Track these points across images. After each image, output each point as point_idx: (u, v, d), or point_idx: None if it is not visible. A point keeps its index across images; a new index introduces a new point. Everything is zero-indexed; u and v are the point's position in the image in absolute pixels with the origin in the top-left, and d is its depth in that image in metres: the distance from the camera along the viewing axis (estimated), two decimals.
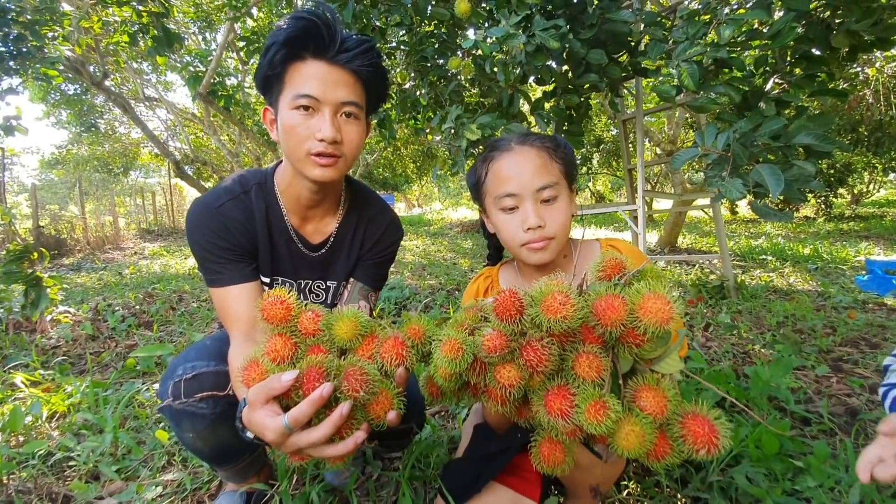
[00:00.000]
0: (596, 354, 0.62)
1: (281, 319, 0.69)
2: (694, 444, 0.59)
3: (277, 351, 0.67)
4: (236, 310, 0.92)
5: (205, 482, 1.25)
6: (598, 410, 0.59)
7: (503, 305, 0.62)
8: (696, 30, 1.64)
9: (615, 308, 0.58)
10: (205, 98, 6.06)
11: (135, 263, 7.25)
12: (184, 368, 0.93)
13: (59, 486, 1.26)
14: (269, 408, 0.61)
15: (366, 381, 0.62)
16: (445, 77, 2.66)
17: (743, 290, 3.26)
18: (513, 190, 0.90)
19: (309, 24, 0.84)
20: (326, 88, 0.86)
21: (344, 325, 0.68)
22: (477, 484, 0.86)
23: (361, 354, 0.69)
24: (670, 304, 0.57)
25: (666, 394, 0.61)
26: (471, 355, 0.64)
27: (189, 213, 0.97)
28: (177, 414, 0.91)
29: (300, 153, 0.88)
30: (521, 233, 0.90)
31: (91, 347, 2.62)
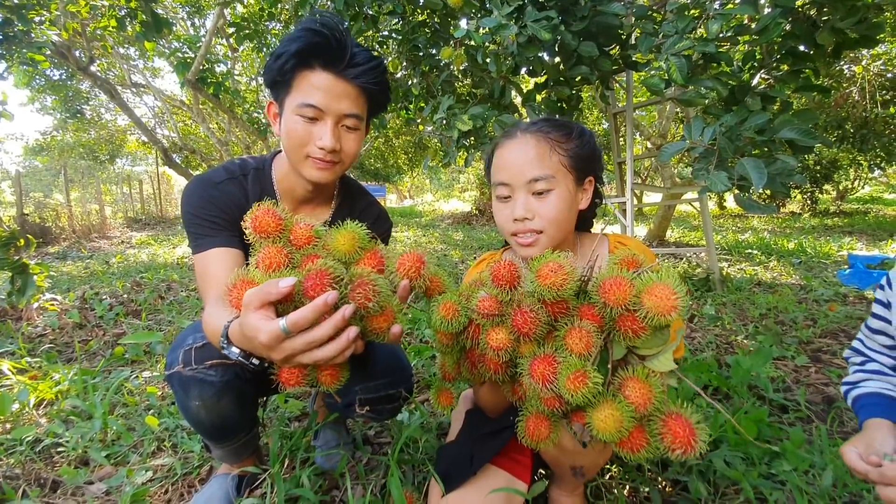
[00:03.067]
0: (588, 331, 0.63)
1: (273, 230, 0.67)
2: (672, 443, 0.61)
3: (272, 258, 0.64)
4: (216, 274, 0.92)
5: (195, 467, 1.26)
6: (578, 379, 0.61)
7: (499, 273, 0.64)
8: (686, 24, 1.65)
9: (622, 286, 0.59)
10: (194, 85, 5.97)
11: (122, 252, 7.16)
12: (194, 338, 0.94)
13: (47, 472, 1.26)
14: (263, 311, 0.58)
15: (377, 292, 0.61)
16: (437, 67, 2.66)
17: (728, 283, 3.32)
18: (506, 179, 0.90)
19: (322, 40, 0.87)
20: (331, 100, 0.90)
21: (343, 238, 0.67)
22: (472, 467, 0.88)
23: (364, 264, 0.68)
24: (676, 296, 0.58)
25: (652, 389, 0.63)
26: (465, 317, 0.67)
27: (189, 185, 1.01)
28: (185, 381, 0.93)
29: (300, 155, 0.93)
30: (510, 223, 0.90)
31: (78, 336, 2.60)
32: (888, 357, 0.78)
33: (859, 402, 0.77)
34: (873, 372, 0.79)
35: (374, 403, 1.04)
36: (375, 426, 1.46)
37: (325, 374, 0.65)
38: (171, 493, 1.17)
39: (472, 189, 15.55)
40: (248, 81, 10.16)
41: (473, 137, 2.33)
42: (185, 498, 1.15)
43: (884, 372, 0.78)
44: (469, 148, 2.41)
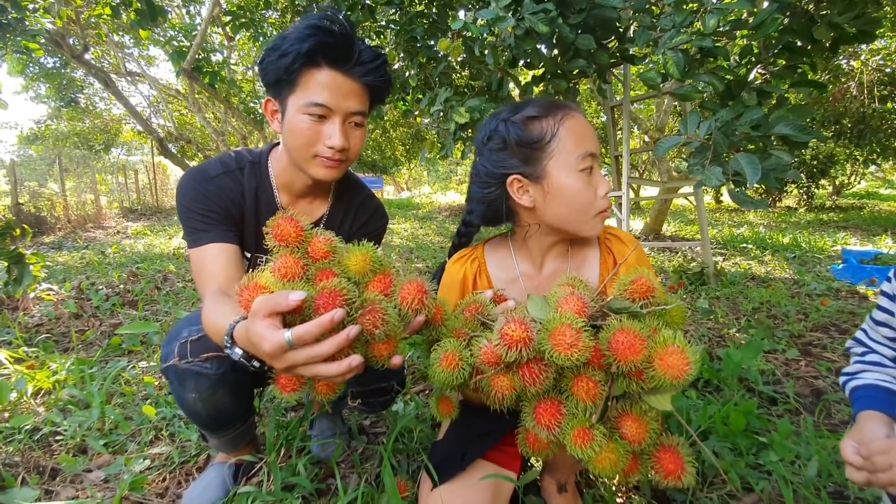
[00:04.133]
0: (596, 382, 0.63)
1: (292, 239, 0.67)
2: (664, 476, 0.65)
3: (288, 267, 0.65)
4: (212, 268, 0.92)
5: (192, 455, 1.27)
6: (584, 438, 0.63)
7: (511, 339, 0.60)
8: (683, 18, 1.65)
9: (634, 350, 0.58)
10: (189, 74, 5.91)
11: (118, 242, 7.13)
12: (189, 331, 0.95)
13: (46, 460, 1.27)
14: (270, 320, 0.59)
15: (386, 321, 0.61)
16: (435, 58, 2.64)
17: (722, 277, 3.35)
18: (592, 149, 0.83)
19: (329, 39, 0.85)
20: (339, 99, 0.89)
21: (356, 258, 0.67)
22: (462, 462, 0.89)
23: (372, 290, 0.67)
24: (690, 365, 0.57)
25: (647, 426, 0.65)
26: (468, 368, 0.66)
27: (184, 178, 1.00)
28: (181, 374, 0.94)
29: (307, 154, 0.92)
30: (598, 199, 0.83)
31: (75, 326, 2.60)
32: (889, 349, 0.79)
33: (856, 393, 0.78)
34: (872, 363, 0.80)
35: (365, 396, 1.06)
36: (371, 416, 1.48)
37: (322, 385, 0.66)
38: (168, 480, 1.19)
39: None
40: (245, 71, 10.08)
41: (470, 130, 2.33)
42: (183, 486, 1.17)
43: (883, 364, 0.79)
44: (466, 140, 2.41)
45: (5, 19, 2.41)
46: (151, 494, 1.13)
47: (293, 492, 1.04)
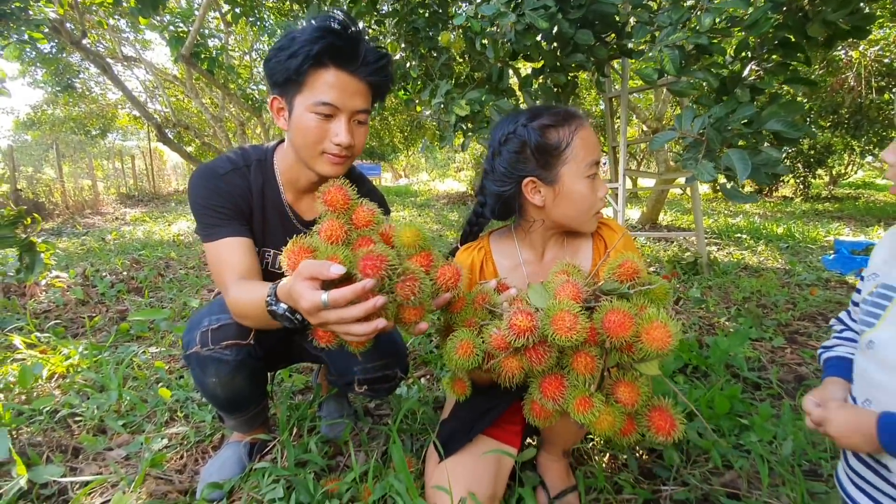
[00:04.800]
0: (593, 357, 0.72)
1: (340, 206, 0.75)
2: (656, 432, 0.74)
3: (333, 230, 0.73)
4: (230, 260, 0.98)
5: (207, 435, 1.35)
6: (585, 405, 0.72)
7: (519, 329, 0.69)
8: (680, 15, 1.69)
9: (624, 327, 0.66)
10: (188, 60, 5.87)
11: (117, 229, 7.15)
12: (209, 320, 1.01)
13: (67, 440, 1.34)
14: (311, 282, 0.66)
15: (421, 290, 0.69)
16: (436, 48, 2.67)
17: (715, 267, 3.42)
18: (598, 158, 0.94)
19: (338, 41, 0.90)
20: (345, 98, 0.93)
21: (408, 233, 0.75)
22: (469, 435, 0.97)
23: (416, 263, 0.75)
24: (671, 337, 0.66)
25: (640, 390, 0.73)
26: (481, 354, 0.75)
27: (195, 176, 1.05)
28: (203, 360, 1.00)
29: (314, 151, 0.96)
30: (598, 201, 0.95)
31: (82, 312, 2.66)
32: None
33: (827, 363, 0.86)
34: (846, 339, 0.87)
35: (371, 383, 1.12)
36: (375, 400, 1.55)
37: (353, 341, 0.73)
38: (186, 458, 1.26)
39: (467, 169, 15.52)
40: (242, 55, 9.99)
41: (470, 122, 2.37)
42: (200, 463, 1.24)
43: (855, 340, 0.85)
44: (467, 132, 2.45)
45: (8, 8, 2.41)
46: (171, 471, 1.20)
47: (305, 467, 1.12)
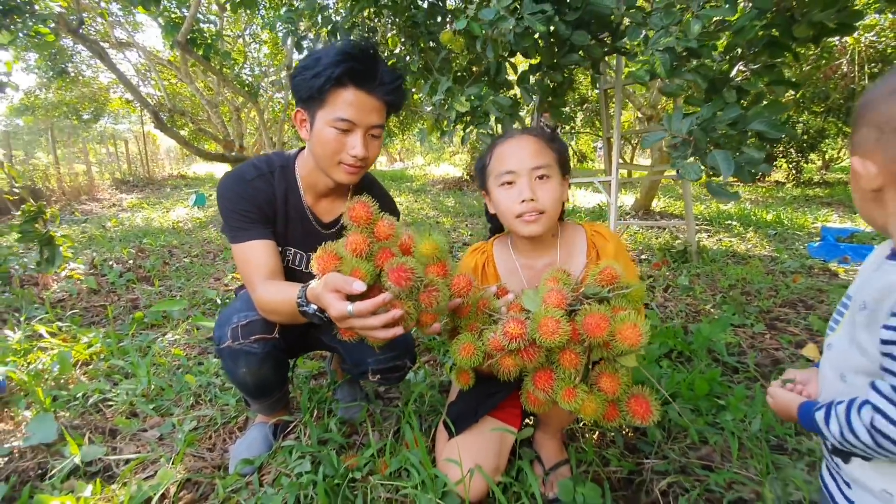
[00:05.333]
0: (577, 353, 0.83)
1: (363, 219, 0.84)
2: (634, 417, 0.86)
3: (357, 244, 0.82)
4: (257, 260, 1.10)
5: (232, 417, 1.47)
6: (570, 395, 0.84)
7: (511, 335, 0.81)
8: (672, 20, 1.77)
9: (600, 329, 0.78)
10: (184, 47, 5.85)
11: (115, 216, 7.17)
12: (238, 317, 1.12)
13: (103, 422, 1.46)
14: (336, 294, 0.79)
15: (439, 300, 0.82)
16: (435, 40, 2.73)
17: (704, 255, 3.55)
18: (511, 167, 1.03)
19: (358, 66, 1.00)
20: (362, 114, 1.03)
21: (427, 245, 0.85)
22: (476, 416, 1.10)
23: (432, 272, 0.86)
24: (641, 336, 0.77)
25: (620, 380, 0.85)
26: (481, 354, 0.87)
27: (224, 181, 1.15)
28: (234, 353, 1.11)
29: (332, 161, 1.07)
30: (516, 205, 1.02)
31: (95, 301, 2.76)
32: None
33: None
34: None
35: (383, 372, 1.23)
36: None
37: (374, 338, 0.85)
38: (214, 438, 1.38)
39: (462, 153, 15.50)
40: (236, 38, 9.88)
41: (470, 116, 2.45)
42: (228, 442, 1.36)
43: None
44: (466, 126, 2.53)
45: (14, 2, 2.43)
46: (203, 449, 1.32)
47: (327, 445, 1.24)
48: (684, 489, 1.12)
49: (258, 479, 1.17)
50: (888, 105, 0.54)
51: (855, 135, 0.59)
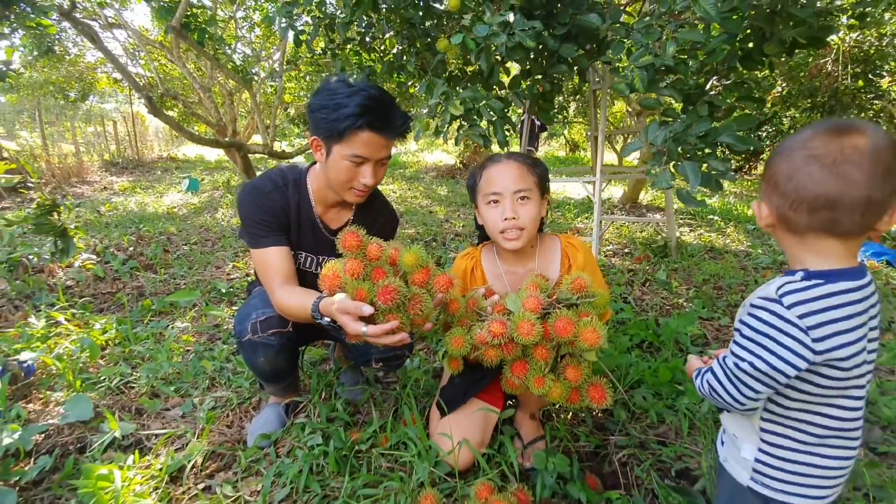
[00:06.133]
0: (547, 349, 1.01)
1: (355, 247, 0.99)
2: (591, 400, 1.04)
3: (354, 269, 0.98)
4: (275, 265, 1.26)
5: (246, 398, 1.63)
6: (540, 382, 1.02)
7: (494, 333, 0.98)
8: (651, 39, 1.92)
9: (567, 330, 0.96)
10: (178, 32, 5.84)
11: (108, 200, 7.17)
12: (257, 313, 1.27)
13: (129, 402, 1.62)
14: (350, 317, 0.95)
15: (424, 307, 0.98)
16: (432, 39, 2.84)
17: (683, 250, 3.76)
18: (497, 189, 1.18)
19: (376, 117, 1.14)
20: (374, 151, 1.18)
21: (410, 257, 1.00)
22: (464, 398, 1.28)
23: (418, 280, 1.02)
24: (600, 338, 0.95)
25: (582, 371, 1.03)
26: (469, 346, 1.04)
27: (243, 193, 1.29)
28: (254, 345, 1.27)
29: (345, 186, 1.22)
30: (500, 222, 1.17)
31: (101, 288, 2.88)
32: None
33: None
34: None
35: (385, 361, 1.39)
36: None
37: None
38: (231, 417, 1.55)
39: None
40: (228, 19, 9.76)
41: (464, 118, 2.59)
42: (244, 420, 1.53)
43: None
44: (461, 127, 2.67)
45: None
46: (222, 426, 1.49)
47: (334, 423, 1.42)
48: (640, 460, 1.31)
49: (275, 451, 1.34)
50: (778, 164, 0.70)
51: (760, 182, 0.75)
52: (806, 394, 0.72)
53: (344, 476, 1.21)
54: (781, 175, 0.69)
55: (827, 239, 0.68)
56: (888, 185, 0.63)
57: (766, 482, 0.77)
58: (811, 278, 0.69)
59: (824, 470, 0.74)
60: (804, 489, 0.75)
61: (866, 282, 0.70)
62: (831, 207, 0.65)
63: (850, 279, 0.68)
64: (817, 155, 0.65)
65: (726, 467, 0.85)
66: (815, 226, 0.68)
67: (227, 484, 1.22)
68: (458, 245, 4.02)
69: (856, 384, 0.70)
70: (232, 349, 1.97)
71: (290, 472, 1.22)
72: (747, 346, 0.71)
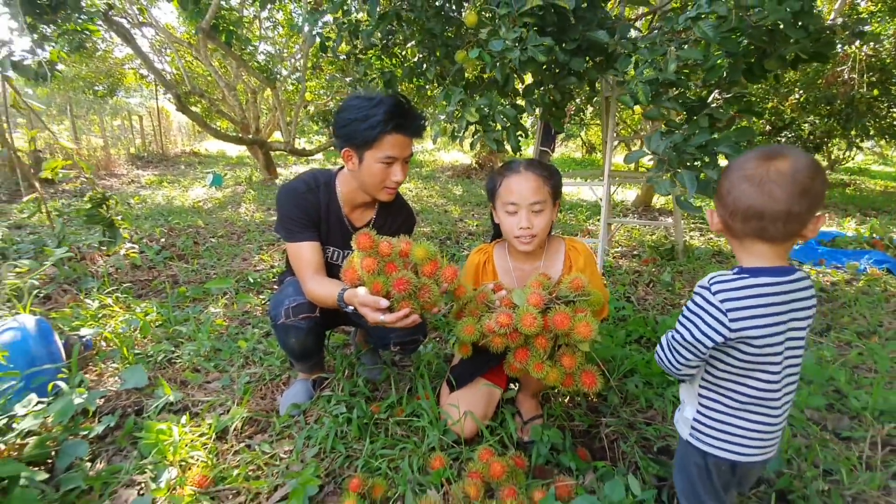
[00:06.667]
0: (547, 339, 1.16)
1: (368, 247, 1.15)
2: (584, 385, 1.19)
3: (369, 265, 1.13)
4: (307, 258, 1.44)
5: (277, 375, 1.83)
6: (539, 367, 1.17)
7: (501, 323, 1.13)
8: (655, 55, 2.06)
9: (564, 324, 1.11)
10: (207, 33, 6.11)
11: (136, 193, 7.48)
12: (289, 300, 1.45)
13: (174, 375, 1.82)
14: (370, 309, 1.12)
15: (432, 294, 1.14)
16: (451, 48, 3.01)
17: (690, 254, 3.87)
18: (515, 200, 1.32)
19: (402, 121, 1.31)
20: (401, 150, 1.36)
21: (420, 250, 1.16)
22: (472, 377, 1.45)
23: (427, 271, 1.16)
24: (592, 331, 1.09)
25: (576, 359, 1.18)
26: (479, 334, 1.20)
27: (281, 192, 1.47)
28: (287, 327, 1.45)
29: (378, 187, 1.39)
30: (516, 229, 1.33)
31: (139, 276, 3.11)
32: None
33: None
34: None
35: (402, 345, 1.56)
36: None
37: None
38: (264, 390, 1.74)
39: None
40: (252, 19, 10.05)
41: (479, 124, 2.76)
42: (276, 394, 1.72)
43: None
44: (476, 133, 2.83)
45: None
46: (257, 398, 1.68)
47: (356, 396, 1.60)
48: (626, 438, 1.47)
49: (304, 419, 1.53)
50: (722, 181, 0.86)
51: (714, 195, 0.91)
52: (729, 365, 0.89)
53: (365, 440, 1.40)
54: (724, 190, 0.85)
55: (758, 243, 0.84)
56: (805, 201, 0.79)
57: (701, 438, 0.94)
58: (741, 273, 0.85)
59: (748, 432, 0.90)
60: (731, 446, 0.92)
61: (791, 279, 0.85)
62: (759, 218, 0.81)
63: (772, 276, 0.84)
64: (749, 175, 0.81)
65: (677, 427, 1.01)
66: (749, 232, 0.84)
67: (264, 443, 1.41)
68: (472, 244, 4.19)
69: (770, 361, 0.86)
70: (262, 333, 2.17)
71: (319, 436, 1.41)
72: (682, 322, 0.90)
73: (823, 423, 1.56)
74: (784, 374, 0.89)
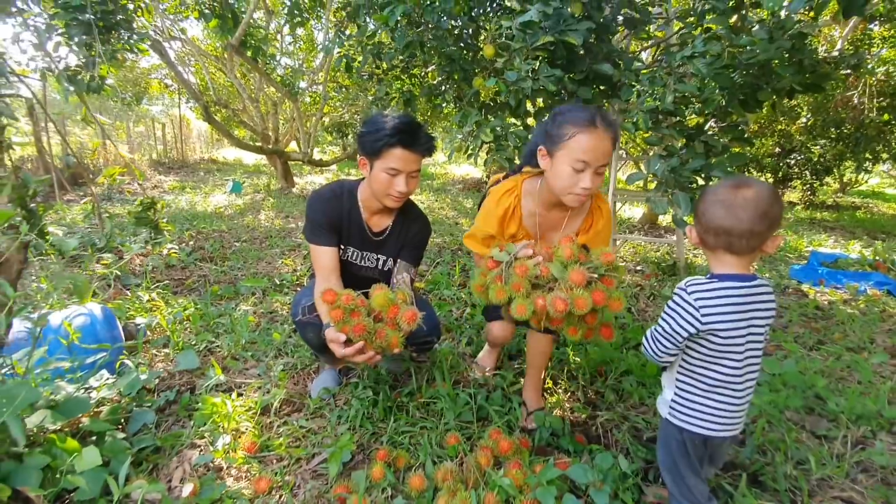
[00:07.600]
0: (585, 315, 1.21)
1: (331, 301, 1.32)
2: (601, 336, 1.27)
3: (335, 316, 1.29)
4: (323, 261, 1.63)
5: (307, 364, 2.04)
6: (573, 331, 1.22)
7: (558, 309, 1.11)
8: (655, 88, 2.28)
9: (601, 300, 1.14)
10: (236, 50, 6.46)
11: (161, 197, 7.78)
12: (305, 299, 1.65)
13: (218, 361, 2.04)
14: (335, 344, 1.31)
15: (387, 340, 1.30)
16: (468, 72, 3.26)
17: (692, 271, 4.03)
18: (586, 159, 1.24)
19: (407, 136, 1.47)
20: (406, 165, 1.50)
21: (380, 298, 1.34)
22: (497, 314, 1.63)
23: (389, 314, 1.31)
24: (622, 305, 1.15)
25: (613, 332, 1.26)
26: (531, 312, 1.19)
27: (311, 198, 1.66)
28: (304, 323, 1.65)
29: (384, 194, 1.55)
30: (577, 187, 1.27)
31: (173, 275, 3.36)
32: None
33: None
34: None
35: (418, 345, 1.76)
36: None
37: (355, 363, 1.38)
38: (297, 377, 1.95)
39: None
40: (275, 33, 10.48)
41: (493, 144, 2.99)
42: (307, 381, 1.93)
43: None
44: (490, 151, 3.06)
45: (115, 19, 3.01)
46: (291, 384, 1.89)
47: (380, 384, 1.80)
48: (620, 428, 1.65)
49: (334, 401, 1.73)
50: (699, 204, 1.07)
51: (693, 214, 1.12)
52: (700, 353, 1.09)
53: (389, 420, 1.60)
54: (700, 211, 1.06)
55: (726, 255, 1.05)
56: (765, 222, 0.99)
57: (677, 416, 1.13)
58: (712, 277, 1.05)
59: (716, 410, 1.10)
60: (703, 423, 1.11)
61: (752, 284, 1.05)
62: (728, 234, 1.01)
63: (736, 281, 1.04)
64: (721, 200, 1.02)
65: (658, 409, 1.21)
66: (719, 245, 1.04)
67: (301, 420, 1.62)
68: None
69: (733, 350, 1.06)
70: (291, 328, 2.39)
71: (348, 415, 1.61)
72: (664, 317, 1.10)
73: (802, 423, 1.73)
74: (746, 363, 1.08)
